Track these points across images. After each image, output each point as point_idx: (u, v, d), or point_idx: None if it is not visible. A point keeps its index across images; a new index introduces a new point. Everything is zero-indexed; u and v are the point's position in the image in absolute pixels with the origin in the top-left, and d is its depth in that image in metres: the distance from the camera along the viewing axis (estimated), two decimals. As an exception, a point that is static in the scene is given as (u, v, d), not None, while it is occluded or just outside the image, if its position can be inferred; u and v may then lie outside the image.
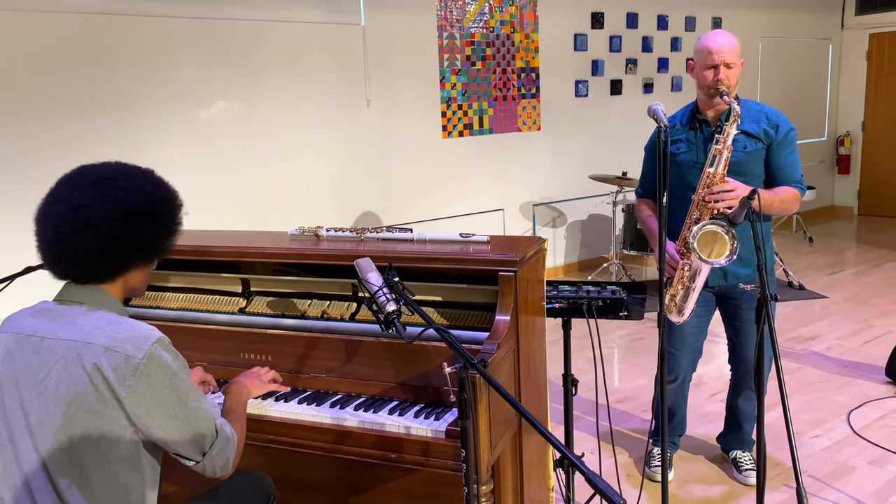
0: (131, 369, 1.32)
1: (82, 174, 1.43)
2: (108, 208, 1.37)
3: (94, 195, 1.37)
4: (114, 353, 1.33)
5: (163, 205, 1.46)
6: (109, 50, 4.10)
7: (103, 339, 1.34)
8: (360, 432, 1.83)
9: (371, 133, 5.12)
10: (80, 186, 1.39)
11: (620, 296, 2.29)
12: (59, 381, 1.34)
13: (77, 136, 4.03)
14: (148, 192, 1.43)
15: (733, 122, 2.35)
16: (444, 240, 2.15)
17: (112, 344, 1.34)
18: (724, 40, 2.43)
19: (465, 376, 1.55)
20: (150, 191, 1.44)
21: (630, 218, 5.61)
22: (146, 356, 1.34)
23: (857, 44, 8.11)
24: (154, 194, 1.45)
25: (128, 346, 1.34)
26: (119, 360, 1.32)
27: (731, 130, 2.35)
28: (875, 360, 3.99)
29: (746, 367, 2.72)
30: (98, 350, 1.33)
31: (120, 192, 1.39)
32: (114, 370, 1.32)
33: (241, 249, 2.20)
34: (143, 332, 1.38)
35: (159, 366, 1.35)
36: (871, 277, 5.76)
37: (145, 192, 1.43)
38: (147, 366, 1.34)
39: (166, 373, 1.36)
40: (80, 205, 1.36)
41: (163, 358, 1.36)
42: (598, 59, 6.24)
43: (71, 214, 1.36)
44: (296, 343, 2.09)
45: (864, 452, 3.03)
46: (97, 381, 1.32)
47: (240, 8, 4.48)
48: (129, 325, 1.38)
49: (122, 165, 1.48)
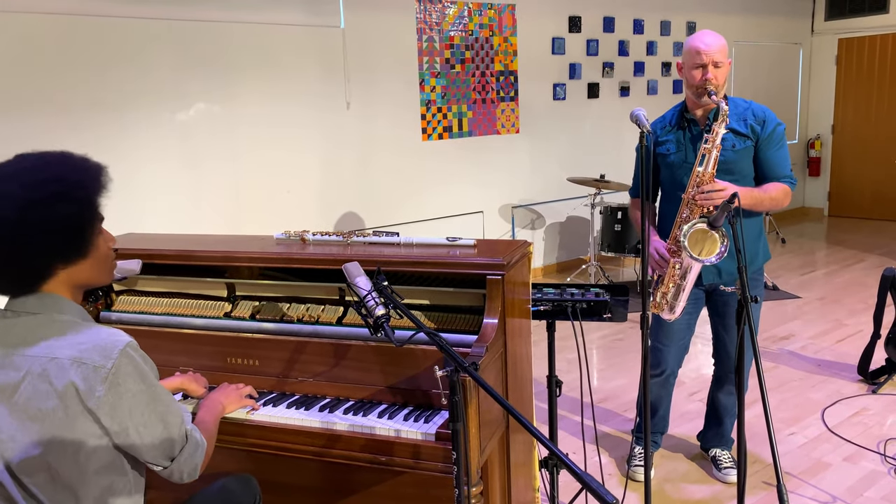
0: (101, 379, 1.29)
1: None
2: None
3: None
4: (81, 364, 1.29)
5: (47, 206, 1.28)
6: (83, 51, 4.05)
7: (69, 352, 1.30)
8: (349, 436, 1.84)
9: (351, 135, 5.12)
10: None
11: (604, 298, 2.32)
12: (29, 397, 1.30)
13: (50, 136, 3.97)
14: (18, 197, 1.27)
15: (722, 122, 2.39)
16: (431, 243, 2.16)
17: (79, 356, 1.30)
18: (712, 40, 2.47)
19: (457, 379, 1.57)
20: (21, 195, 1.27)
21: (608, 220, 5.68)
22: (115, 365, 1.30)
23: (826, 48, 8.29)
24: (28, 198, 1.27)
25: (95, 357, 1.30)
26: (88, 372, 1.29)
27: (719, 130, 2.39)
28: (847, 359, 4.08)
29: (729, 362, 2.78)
30: (65, 364, 1.29)
31: (2, 199, 1.27)
32: (83, 381, 1.29)
33: (227, 254, 2.19)
34: (109, 339, 1.33)
35: (128, 373, 1.32)
36: (842, 277, 5.89)
37: (15, 199, 1.27)
38: (116, 374, 1.30)
39: (136, 380, 1.33)
40: None
41: (131, 365, 1.33)
42: (576, 63, 6.30)
43: None
44: (283, 347, 2.09)
45: (838, 449, 3.11)
46: (68, 395, 1.29)
47: (218, 10, 4.45)
48: (94, 333, 1.34)
49: (10, 162, 1.33)
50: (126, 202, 4.15)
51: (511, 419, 2.07)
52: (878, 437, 3.19)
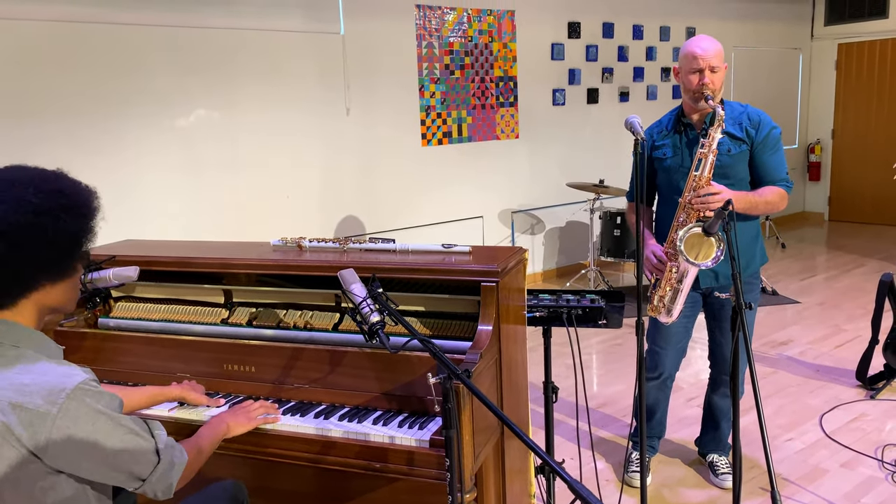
0: (46, 427, 1.20)
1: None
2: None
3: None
4: (22, 410, 1.19)
5: (55, 217, 1.27)
6: (83, 58, 4.07)
7: (10, 394, 1.20)
8: (344, 442, 1.85)
9: (351, 141, 5.14)
10: None
11: (599, 304, 2.33)
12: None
13: (50, 143, 3.99)
14: (33, 204, 1.25)
15: (718, 127, 2.40)
16: (427, 250, 2.17)
17: (20, 400, 1.20)
18: (709, 45, 2.48)
19: (450, 387, 1.58)
20: (35, 203, 1.25)
21: (607, 225, 5.69)
22: (61, 409, 1.20)
23: (826, 54, 8.30)
24: (41, 206, 1.25)
25: (38, 401, 1.20)
26: (30, 417, 1.19)
27: (715, 134, 2.40)
28: (846, 364, 4.08)
29: (724, 365, 2.78)
30: (4, 407, 1.20)
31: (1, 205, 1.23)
32: (25, 428, 1.19)
33: (224, 261, 2.21)
34: (57, 382, 1.22)
35: (79, 416, 1.22)
36: (842, 283, 5.89)
37: (29, 205, 1.24)
38: (64, 419, 1.20)
39: (88, 420, 1.23)
40: None
41: (83, 407, 1.23)
42: (575, 69, 6.32)
43: None
44: (279, 354, 2.10)
45: (836, 455, 3.11)
46: (10, 440, 1.20)
47: (218, 16, 4.48)
48: (41, 373, 1.23)
49: (10, 173, 1.30)
50: (126, 208, 4.17)
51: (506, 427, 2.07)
52: (877, 442, 3.19)
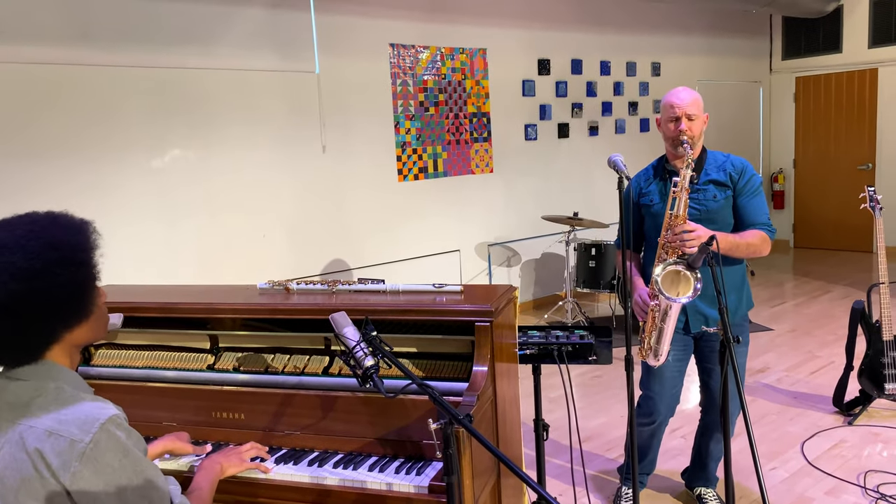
0: (76, 455, 1.23)
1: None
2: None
3: None
4: (58, 437, 1.24)
5: (50, 275, 1.27)
6: (58, 99, 4.03)
7: (47, 423, 1.25)
8: (341, 490, 1.81)
9: (327, 178, 5.13)
10: None
11: (588, 341, 2.35)
12: (5, 466, 1.25)
13: (26, 187, 3.91)
14: (23, 270, 1.24)
15: (688, 165, 2.46)
16: (418, 290, 2.17)
17: (56, 427, 1.25)
18: (686, 95, 2.57)
19: (451, 432, 1.56)
20: (25, 268, 1.25)
21: (582, 256, 5.74)
22: (93, 440, 1.24)
23: (785, 86, 8.59)
24: (32, 269, 1.25)
25: (73, 430, 1.24)
26: (63, 445, 1.23)
27: (686, 173, 2.46)
28: (822, 391, 4.15)
29: (717, 411, 2.77)
30: (41, 434, 1.24)
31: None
32: (57, 456, 1.23)
33: (210, 305, 2.17)
34: (92, 412, 1.27)
35: (108, 449, 1.25)
36: (811, 309, 6.01)
37: (20, 272, 1.24)
38: (94, 450, 1.24)
39: (115, 456, 1.26)
40: None
41: (112, 441, 1.26)
42: (546, 104, 6.43)
43: None
44: (268, 400, 2.06)
45: (820, 483, 3.14)
46: (41, 468, 1.23)
47: (193, 56, 4.47)
48: (78, 405, 1.28)
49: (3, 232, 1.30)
50: (101, 252, 4.08)
51: (502, 467, 2.06)
52: (858, 469, 3.23)
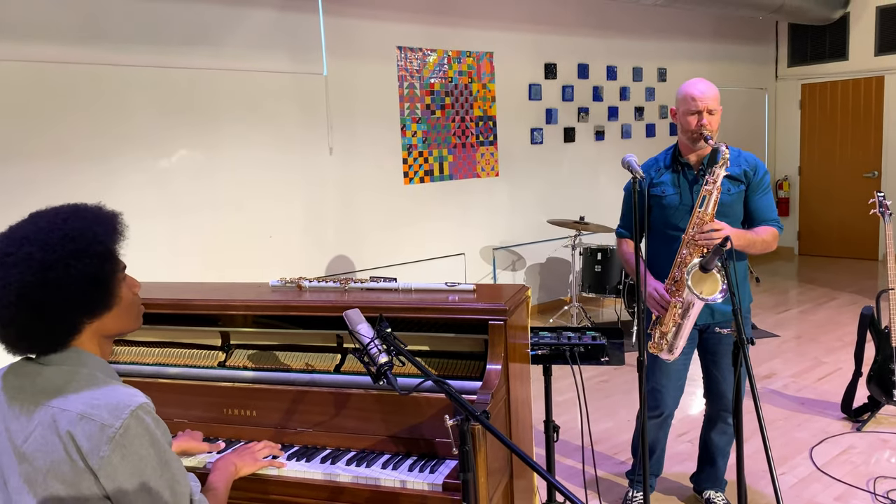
0: (106, 439, 1.24)
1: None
2: (15, 286, 1.24)
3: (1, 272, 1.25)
4: (89, 421, 1.25)
5: (64, 266, 1.27)
6: (65, 99, 4.03)
7: (80, 406, 1.26)
8: (354, 488, 1.80)
9: (334, 180, 5.13)
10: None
11: (601, 342, 2.34)
12: (37, 448, 1.27)
13: (31, 186, 3.92)
14: (38, 261, 1.26)
15: (723, 165, 2.44)
16: (430, 289, 2.16)
17: (88, 411, 1.26)
18: (706, 88, 2.54)
19: (467, 428, 1.55)
20: (40, 259, 1.26)
21: (588, 261, 5.73)
22: (123, 426, 1.25)
23: (790, 93, 8.60)
24: (47, 260, 1.26)
25: (104, 414, 1.25)
26: (94, 429, 1.24)
27: (720, 172, 2.44)
28: (830, 397, 4.14)
29: (721, 401, 2.78)
30: (73, 417, 1.26)
31: (12, 270, 1.25)
32: (88, 439, 1.24)
33: (223, 302, 2.16)
34: (123, 398, 1.28)
35: (137, 436, 1.27)
36: (817, 315, 6.00)
37: (36, 263, 1.26)
38: (124, 436, 1.25)
39: (145, 443, 1.28)
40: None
41: (142, 427, 1.28)
42: (552, 108, 6.44)
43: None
44: (280, 397, 2.05)
45: (829, 489, 3.13)
46: (71, 450, 1.24)
47: (202, 57, 4.48)
48: (110, 390, 1.30)
49: (23, 228, 1.32)
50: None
51: (514, 465, 2.05)
52: (867, 475, 3.22)
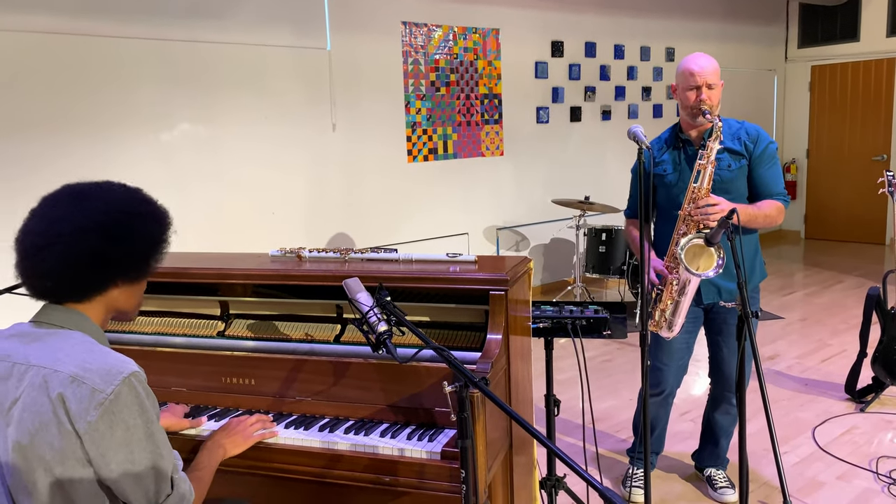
0: (95, 404, 1.23)
1: (63, 189, 1.38)
2: (82, 220, 1.31)
3: (68, 208, 1.32)
4: (80, 384, 1.24)
5: (144, 219, 1.39)
6: (66, 70, 4.00)
7: (72, 368, 1.25)
8: (352, 456, 1.79)
9: (337, 157, 5.10)
10: (57, 201, 1.35)
11: (603, 315, 2.32)
12: (24, 409, 1.25)
13: (34, 159, 3.89)
14: (129, 205, 1.38)
15: (716, 138, 2.42)
16: (431, 259, 2.14)
17: (80, 374, 1.25)
18: (705, 62, 2.51)
19: (466, 395, 1.54)
20: (131, 205, 1.38)
21: (592, 241, 5.70)
22: (115, 392, 1.24)
23: (800, 75, 8.50)
24: (134, 208, 1.38)
25: (96, 379, 1.25)
26: (84, 393, 1.23)
27: (713, 146, 2.42)
28: (834, 378, 4.11)
29: (727, 382, 2.77)
30: (65, 379, 1.25)
31: (97, 203, 1.34)
32: (77, 402, 1.23)
33: (222, 271, 2.15)
34: (116, 364, 1.28)
35: (127, 404, 1.26)
36: (823, 298, 5.96)
37: (124, 206, 1.37)
38: (114, 402, 1.24)
39: (132, 413, 1.27)
40: (54, 218, 1.32)
41: (133, 396, 1.27)
42: (559, 87, 6.37)
43: (44, 227, 1.31)
44: (279, 366, 2.04)
45: (831, 468, 3.11)
46: (59, 413, 1.23)
47: (205, 31, 4.43)
48: (104, 355, 1.29)
49: (105, 182, 1.42)
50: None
51: (514, 439, 2.04)
52: (870, 454, 3.20)
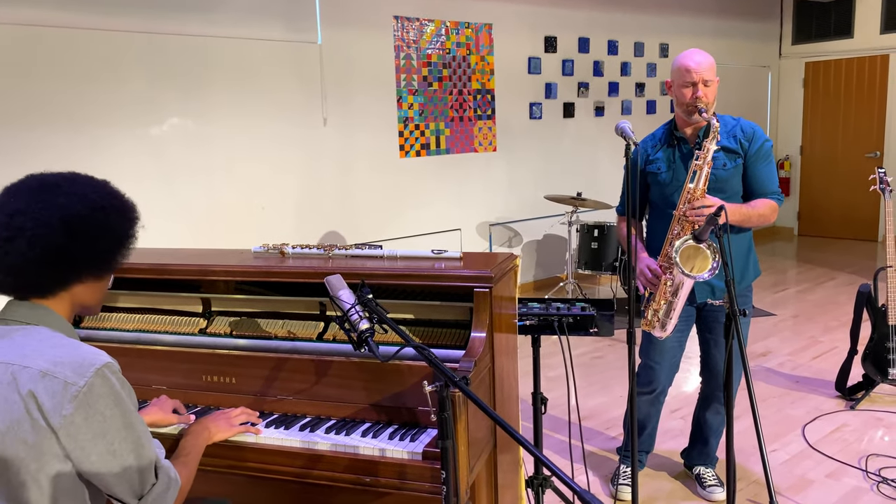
0: (69, 397, 1.20)
1: (25, 180, 1.33)
2: (45, 214, 1.26)
3: (31, 200, 1.27)
4: (52, 378, 1.21)
5: (109, 214, 1.35)
6: (55, 64, 3.95)
7: (42, 363, 1.23)
8: (332, 456, 1.77)
9: (328, 152, 5.06)
10: (19, 192, 1.30)
11: (590, 312, 2.29)
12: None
13: (22, 152, 3.85)
14: (93, 199, 1.33)
15: (713, 139, 2.38)
16: (416, 256, 2.11)
17: (51, 368, 1.22)
18: (701, 59, 2.46)
19: (447, 395, 1.51)
20: (95, 199, 1.33)
21: (585, 238, 5.68)
22: (88, 384, 1.22)
23: (794, 72, 8.48)
24: (100, 202, 1.34)
25: (68, 372, 1.22)
26: (57, 387, 1.21)
27: (710, 146, 2.38)
28: (825, 375, 4.10)
29: (717, 381, 2.75)
30: (35, 374, 1.21)
31: (61, 198, 1.29)
32: (50, 397, 1.20)
33: (203, 267, 2.11)
34: (88, 357, 1.25)
35: (101, 395, 1.23)
36: (815, 295, 5.96)
37: (90, 200, 1.32)
38: (88, 394, 1.21)
39: (109, 403, 1.24)
40: (15, 210, 1.27)
41: (107, 387, 1.24)
42: (552, 83, 6.34)
43: (5, 220, 1.26)
44: (261, 364, 2.01)
45: (820, 466, 3.10)
46: (31, 409, 1.20)
47: (195, 24, 4.39)
48: (73, 348, 1.26)
49: (71, 173, 1.37)
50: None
51: (499, 438, 2.01)
52: (859, 452, 3.19)
